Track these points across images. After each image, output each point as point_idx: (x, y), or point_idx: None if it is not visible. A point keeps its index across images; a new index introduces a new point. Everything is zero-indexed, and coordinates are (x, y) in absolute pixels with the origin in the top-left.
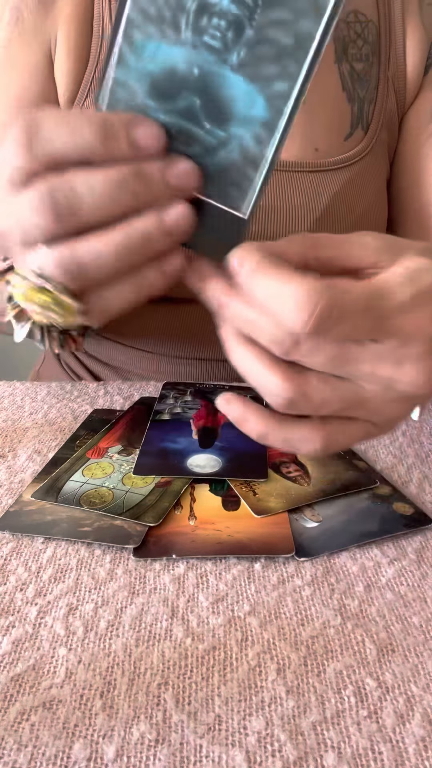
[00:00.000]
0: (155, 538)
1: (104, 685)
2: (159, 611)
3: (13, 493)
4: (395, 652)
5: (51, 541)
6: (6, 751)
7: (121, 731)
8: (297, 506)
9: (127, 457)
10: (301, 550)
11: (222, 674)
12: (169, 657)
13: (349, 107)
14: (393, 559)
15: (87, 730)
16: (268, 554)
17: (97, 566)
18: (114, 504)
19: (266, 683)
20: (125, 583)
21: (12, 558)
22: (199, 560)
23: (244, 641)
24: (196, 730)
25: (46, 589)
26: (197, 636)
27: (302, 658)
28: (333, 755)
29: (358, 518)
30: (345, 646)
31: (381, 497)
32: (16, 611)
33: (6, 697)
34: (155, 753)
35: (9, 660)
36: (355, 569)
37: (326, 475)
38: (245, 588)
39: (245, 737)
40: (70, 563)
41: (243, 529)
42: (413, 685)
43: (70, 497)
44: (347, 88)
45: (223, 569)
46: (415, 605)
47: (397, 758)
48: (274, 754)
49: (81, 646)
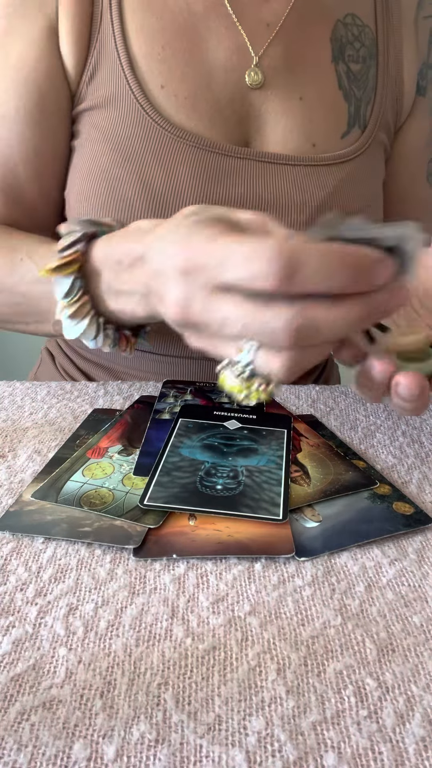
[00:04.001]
0: (155, 538)
1: (104, 685)
2: (159, 611)
3: (13, 493)
4: (395, 652)
5: (51, 541)
6: (6, 751)
7: (121, 731)
8: (297, 506)
9: (127, 457)
10: (301, 550)
11: (222, 674)
12: (169, 657)
13: (345, 106)
14: (393, 559)
15: (87, 730)
16: (268, 554)
17: (97, 566)
18: (114, 505)
19: (266, 683)
20: (125, 583)
21: (12, 558)
22: (200, 560)
23: (245, 641)
24: (196, 730)
25: (46, 589)
26: (197, 636)
27: (302, 658)
28: (333, 755)
29: (358, 518)
30: (345, 646)
31: (381, 497)
32: (16, 611)
33: (6, 697)
34: (155, 753)
35: (9, 660)
36: (355, 569)
37: (326, 475)
38: (245, 588)
39: (245, 737)
40: (70, 563)
41: (243, 529)
42: (413, 685)
43: (70, 497)
44: (343, 87)
45: (223, 569)
46: (415, 605)
47: (397, 758)
48: (274, 754)
49: (81, 646)
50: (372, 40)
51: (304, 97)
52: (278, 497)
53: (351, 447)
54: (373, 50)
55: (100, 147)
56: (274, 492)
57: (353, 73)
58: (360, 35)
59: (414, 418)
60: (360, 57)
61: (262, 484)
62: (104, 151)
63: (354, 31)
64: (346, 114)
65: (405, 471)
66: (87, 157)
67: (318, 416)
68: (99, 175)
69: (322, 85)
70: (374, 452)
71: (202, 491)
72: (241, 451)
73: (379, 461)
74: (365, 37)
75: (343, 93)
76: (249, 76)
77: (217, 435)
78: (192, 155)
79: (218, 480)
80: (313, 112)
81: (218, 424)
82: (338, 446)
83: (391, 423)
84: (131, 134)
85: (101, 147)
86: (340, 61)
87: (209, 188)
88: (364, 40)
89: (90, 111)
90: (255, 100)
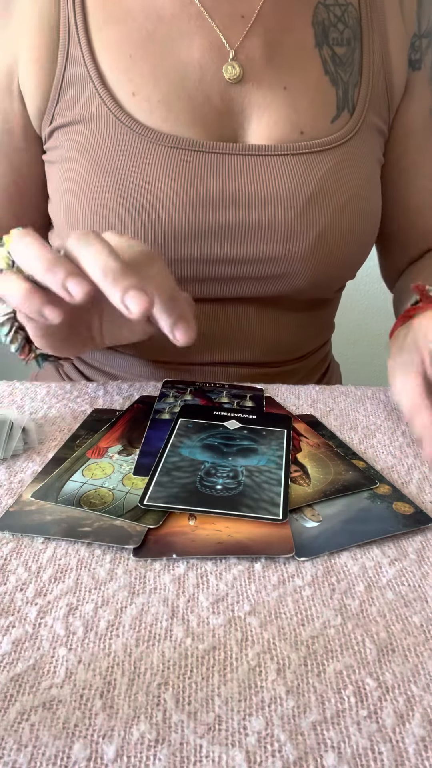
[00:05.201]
0: (155, 538)
1: (104, 685)
2: (159, 611)
3: (13, 493)
4: (395, 652)
5: (51, 541)
6: (6, 751)
7: (121, 731)
8: (297, 506)
9: (127, 457)
10: (301, 550)
11: (222, 674)
12: (169, 657)
13: (333, 90)
14: (394, 559)
15: (87, 730)
16: (268, 554)
17: (97, 566)
18: (114, 505)
19: (266, 683)
20: (125, 583)
21: (12, 558)
22: (200, 560)
23: (244, 641)
24: (196, 730)
25: (46, 589)
26: (197, 636)
27: (302, 658)
28: (333, 755)
29: (358, 518)
30: (345, 646)
31: (381, 497)
32: (16, 611)
33: (6, 697)
34: (155, 753)
35: (9, 660)
36: (355, 569)
37: (326, 475)
38: (245, 588)
39: (245, 737)
40: (70, 563)
41: (243, 529)
42: (413, 685)
43: (70, 497)
44: (329, 72)
45: (223, 569)
46: (415, 605)
47: (397, 758)
48: (274, 754)
49: (81, 646)
50: (356, 19)
51: (289, 86)
52: (278, 497)
53: (351, 447)
54: (357, 30)
55: (78, 161)
56: (274, 492)
57: (338, 56)
58: (343, 15)
59: None
60: (344, 39)
61: (262, 484)
62: (82, 164)
63: (337, 12)
64: (334, 98)
65: (405, 471)
66: (66, 173)
67: (318, 416)
68: (78, 189)
69: (306, 72)
70: (374, 452)
71: (202, 491)
72: (241, 451)
73: (379, 461)
74: (349, 17)
75: (329, 77)
76: (226, 71)
77: (217, 435)
78: (170, 157)
79: (218, 480)
80: (299, 100)
81: (218, 424)
82: (338, 446)
83: (391, 423)
84: (107, 145)
85: (79, 160)
86: (324, 45)
87: (191, 188)
88: (348, 20)
89: (64, 128)
90: (236, 95)
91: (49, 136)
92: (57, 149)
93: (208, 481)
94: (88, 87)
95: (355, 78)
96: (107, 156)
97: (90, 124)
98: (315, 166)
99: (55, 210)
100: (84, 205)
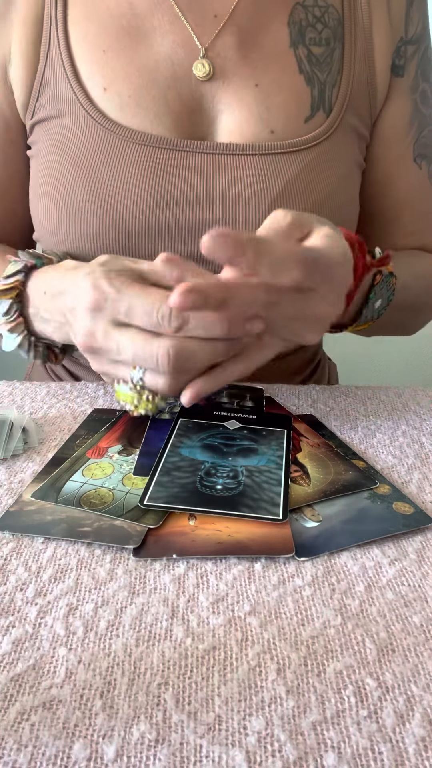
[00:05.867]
0: (155, 538)
1: (104, 685)
2: (159, 611)
3: (13, 493)
4: (395, 652)
5: (51, 541)
6: (6, 751)
7: (121, 731)
8: (297, 506)
9: (127, 457)
10: (301, 550)
11: (222, 674)
12: (169, 657)
13: (308, 90)
14: (394, 559)
15: (87, 730)
16: (268, 554)
17: (97, 566)
18: (114, 505)
19: (266, 683)
20: (125, 583)
21: (12, 558)
22: (200, 560)
23: (244, 641)
24: (196, 730)
25: (46, 589)
26: (197, 636)
27: (302, 658)
28: (333, 755)
29: (358, 518)
30: (345, 646)
31: (381, 497)
32: (16, 611)
33: (6, 697)
34: (155, 753)
35: (9, 660)
36: (355, 569)
37: (326, 475)
38: (245, 588)
39: (245, 737)
40: (70, 563)
41: (243, 529)
42: (413, 685)
43: (70, 497)
44: (305, 71)
45: (223, 569)
46: (415, 605)
47: (397, 758)
48: (274, 754)
49: (81, 646)
50: (337, 20)
51: (260, 83)
52: (278, 497)
53: (351, 447)
54: (339, 30)
55: (52, 156)
56: (273, 492)
57: (315, 56)
58: (323, 16)
59: (414, 418)
60: (323, 39)
61: (262, 484)
62: (56, 160)
63: (316, 13)
64: (309, 98)
65: (405, 471)
66: (42, 168)
67: (318, 416)
68: (52, 184)
69: (279, 71)
70: (374, 452)
71: (202, 491)
72: (241, 451)
73: (379, 461)
74: (329, 18)
75: (304, 77)
76: (196, 68)
77: (217, 435)
78: (139, 153)
79: (218, 480)
80: (271, 98)
81: (218, 424)
82: (338, 446)
83: (391, 423)
84: (78, 140)
85: (53, 156)
86: (300, 45)
87: (159, 185)
88: (328, 21)
89: (43, 122)
90: (207, 92)
91: (31, 130)
92: (36, 144)
93: (208, 481)
94: (63, 82)
95: (334, 78)
96: (78, 152)
97: (64, 119)
98: (284, 166)
99: (32, 205)
100: (55, 200)
